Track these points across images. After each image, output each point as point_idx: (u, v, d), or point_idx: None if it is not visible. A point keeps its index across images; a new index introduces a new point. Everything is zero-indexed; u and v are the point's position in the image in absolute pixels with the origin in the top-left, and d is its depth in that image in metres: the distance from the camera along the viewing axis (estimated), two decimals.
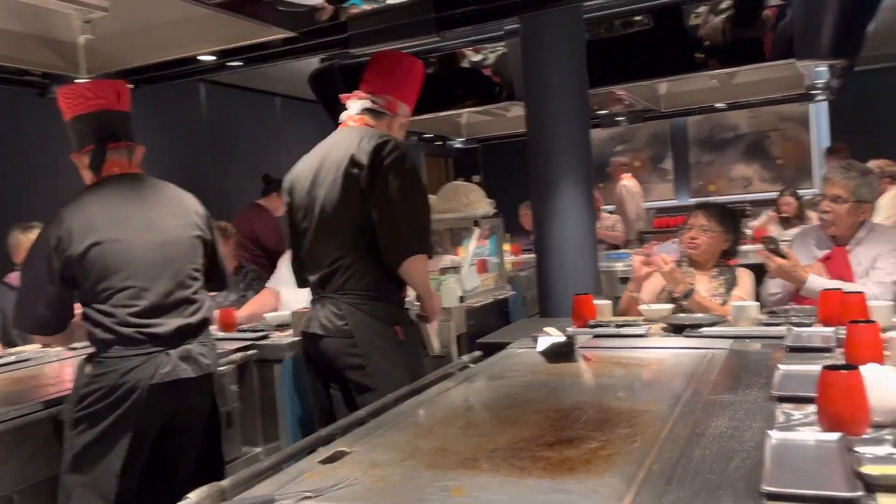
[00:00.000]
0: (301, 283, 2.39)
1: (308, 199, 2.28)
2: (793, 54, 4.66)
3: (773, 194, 6.94)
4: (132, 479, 2.04)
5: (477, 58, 6.52)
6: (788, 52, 4.76)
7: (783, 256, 2.61)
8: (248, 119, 6.95)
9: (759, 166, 9.18)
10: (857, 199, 2.67)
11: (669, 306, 2.59)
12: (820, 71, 5.80)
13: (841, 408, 1.22)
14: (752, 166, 9.24)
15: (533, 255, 4.96)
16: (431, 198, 3.77)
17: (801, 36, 4.33)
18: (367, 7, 3.21)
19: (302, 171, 2.34)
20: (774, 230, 6.17)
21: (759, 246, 4.96)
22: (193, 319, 2.16)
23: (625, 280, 4.28)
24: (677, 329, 2.34)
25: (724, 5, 5.15)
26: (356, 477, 1.24)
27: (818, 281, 2.56)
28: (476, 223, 3.40)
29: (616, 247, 6.50)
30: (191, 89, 6.25)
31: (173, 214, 2.20)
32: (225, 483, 1.24)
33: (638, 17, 5.30)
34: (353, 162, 2.19)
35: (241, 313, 3.34)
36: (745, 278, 2.83)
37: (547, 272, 3.69)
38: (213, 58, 3.44)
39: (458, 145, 9.44)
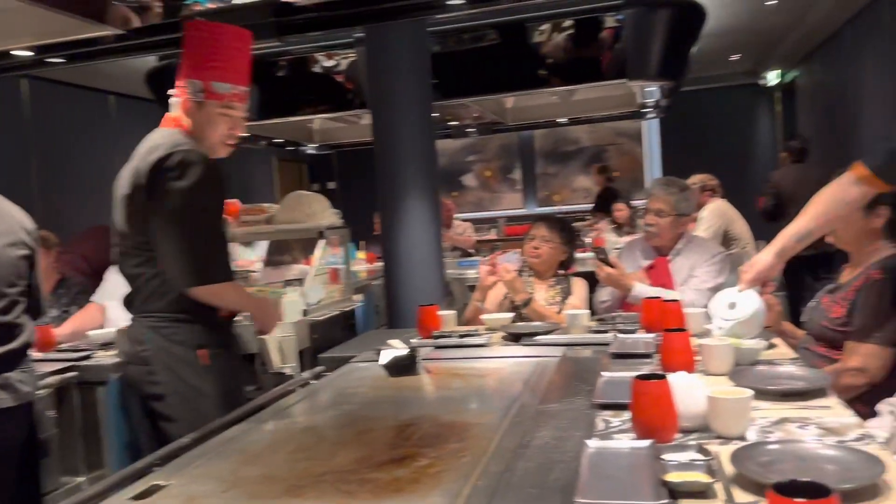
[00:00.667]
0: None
1: (116, 212, 2.11)
2: (625, 74, 4.98)
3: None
4: None
5: (329, 63, 6.44)
6: (622, 72, 5.09)
7: (612, 266, 2.77)
8: (78, 119, 6.44)
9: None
10: (678, 213, 2.88)
11: (510, 315, 2.66)
12: (650, 90, 6.25)
13: (651, 416, 1.29)
14: (591, 178, 9.78)
15: None
16: (273, 207, 3.66)
17: (632, 58, 4.64)
18: (210, 6, 3.08)
19: (119, 179, 2.16)
20: (609, 236, 6.56)
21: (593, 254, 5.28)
22: (14, 345, 2.03)
23: (475, 287, 4.39)
24: (515, 338, 2.41)
25: (565, 24, 5.42)
26: None
27: (642, 288, 2.73)
28: (321, 234, 3.33)
29: (469, 253, 6.63)
30: (10, 85, 5.70)
31: (1, 232, 2.04)
32: None
33: (486, 32, 5.46)
34: (136, 175, 2.01)
35: (62, 331, 3.07)
36: (579, 287, 2.97)
37: (394, 283, 3.69)
38: (31, 53, 3.15)
39: (312, 151, 9.26)
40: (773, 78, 9.32)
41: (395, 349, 2.15)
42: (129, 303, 2.09)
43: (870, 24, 5.53)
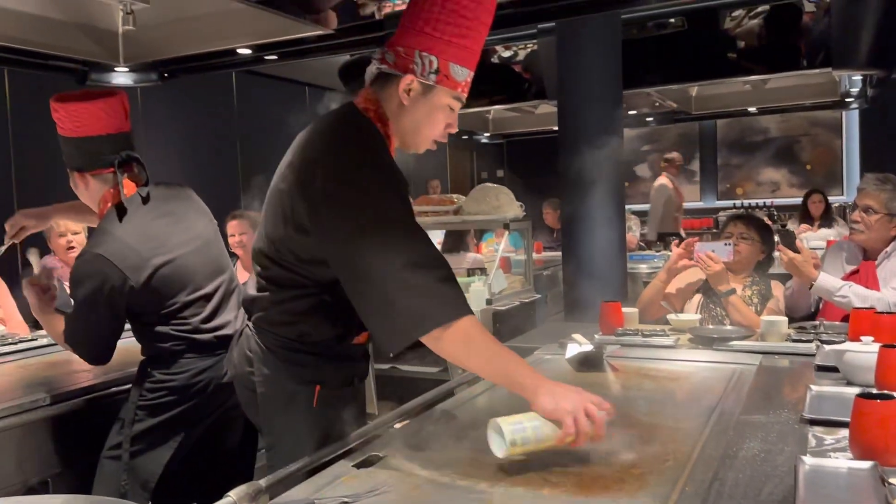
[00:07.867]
0: None
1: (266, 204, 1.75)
2: (828, 63, 4.62)
3: (799, 200, 6.91)
4: (173, 470, 2.07)
5: (507, 54, 6.53)
6: (824, 60, 4.72)
7: (797, 251, 2.61)
8: (276, 108, 6.99)
9: (787, 171, 9.10)
10: (888, 213, 2.66)
11: (697, 316, 2.58)
12: (855, 80, 5.74)
13: (875, 437, 1.22)
14: (780, 171, 9.16)
15: (555, 254, 4.98)
16: (460, 199, 3.76)
17: (839, 46, 4.29)
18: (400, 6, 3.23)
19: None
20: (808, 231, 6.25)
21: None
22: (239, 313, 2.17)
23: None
24: (707, 342, 2.33)
25: (760, 9, 5.11)
26: (391, 484, 1.26)
27: (826, 279, 2.55)
28: (506, 226, 3.40)
29: (641, 247, 6.49)
30: (223, 78, 6.30)
31: (196, 214, 2.21)
32: (263, 482, 1.27)
33: (672, 20, 5.27)
34: (290, 165, 1.57)
35: None
36: (779, 291, 2.81)
37: (574, 276, 3.68)
38: (249, 51, 3.48)
39: (484, 140, 9.42)
40: None
41: (580, 344, 2.17)
42: (249, 304, 1.67)
43: None
